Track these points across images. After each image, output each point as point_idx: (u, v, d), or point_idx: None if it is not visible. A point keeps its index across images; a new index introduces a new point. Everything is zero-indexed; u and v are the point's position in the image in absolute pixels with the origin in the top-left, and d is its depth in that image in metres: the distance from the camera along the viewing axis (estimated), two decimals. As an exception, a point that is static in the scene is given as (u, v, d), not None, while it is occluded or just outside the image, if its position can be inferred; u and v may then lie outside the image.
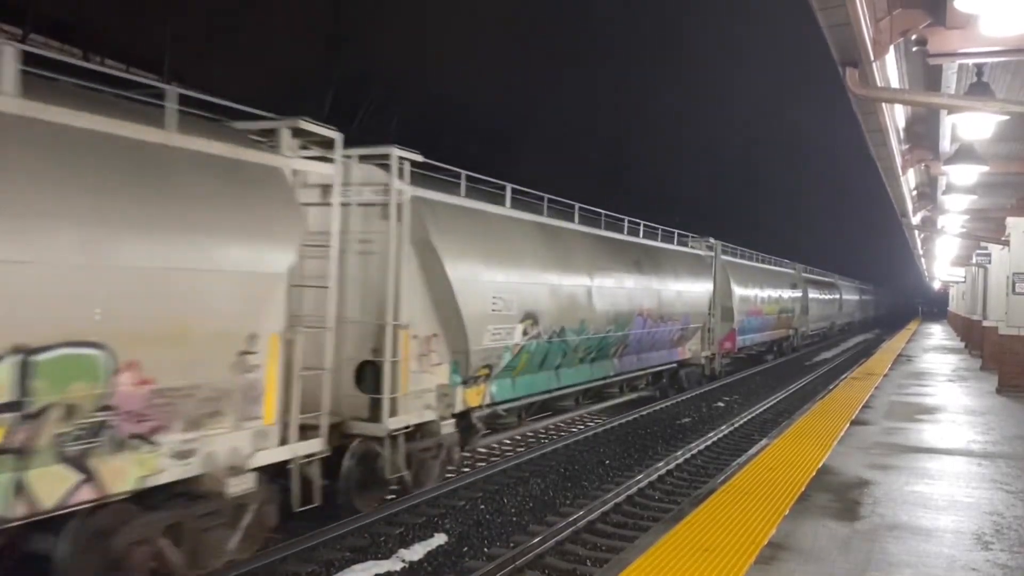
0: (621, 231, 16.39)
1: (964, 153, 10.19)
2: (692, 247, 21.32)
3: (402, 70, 32.79)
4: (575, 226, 13.95)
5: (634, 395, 17.88)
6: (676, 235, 20.11)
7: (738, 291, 23.10)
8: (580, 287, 13.11)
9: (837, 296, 47.71)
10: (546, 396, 13.24)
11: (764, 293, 26.80)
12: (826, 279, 45.76)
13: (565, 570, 7.78)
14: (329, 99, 28.94)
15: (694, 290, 19.25)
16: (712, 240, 22.25)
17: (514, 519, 9.34)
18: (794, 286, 32.54)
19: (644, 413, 16.74)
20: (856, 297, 62.35)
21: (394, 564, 7.73)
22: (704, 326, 20.37)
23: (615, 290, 14.52)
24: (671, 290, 17.57)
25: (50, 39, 17.17)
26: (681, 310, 18.19)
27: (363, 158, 9.01)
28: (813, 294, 37.88)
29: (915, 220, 20.22)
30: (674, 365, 19.50)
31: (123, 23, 21.36)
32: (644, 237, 17.56)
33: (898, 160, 12.49)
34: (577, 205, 14.21)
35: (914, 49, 7.61)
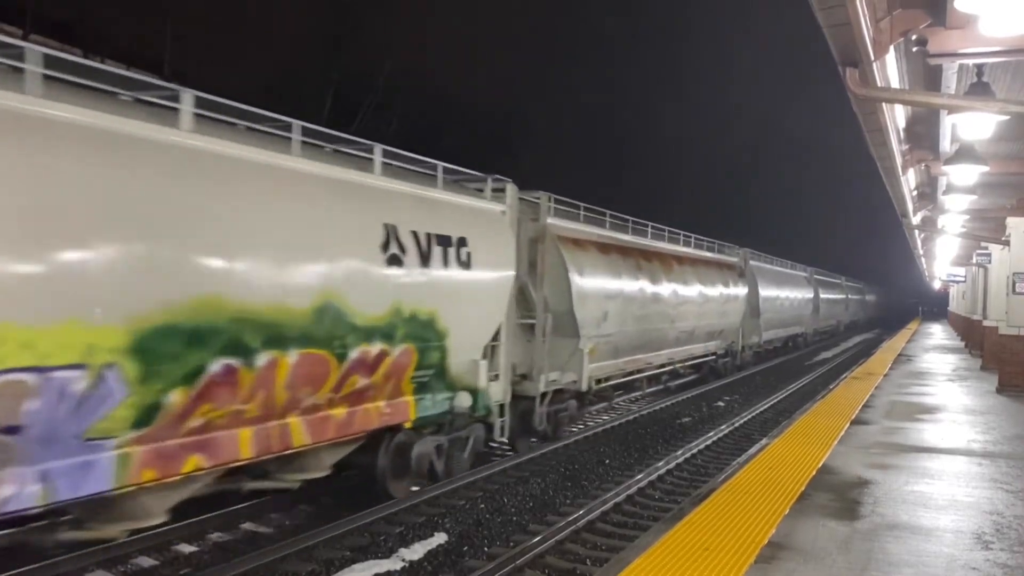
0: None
1: (964, 153, 10.20)
2: None
3: (402, 70, 32.83)
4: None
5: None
6: None
7: None
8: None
9: (742, 291, 23.91)
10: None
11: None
12: (724, 258, 23.32)
13: (565, 570, 7.78)
14: (329, 99, 28.97)
15: None
16: None
17: (514, 519, 9.35)
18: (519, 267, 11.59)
19: (644, 413, 16.76)
20: (806, 295, 35.81)
21: (394, 563, 7.73)
22: None
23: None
24: None
25: (50, 39, 17.16)
26: None
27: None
28: (677, 285, 17.82)
29: (915, 220, 20.23)
30: None
31: (123, 23, 21.38)
32: None
33: (898, 160, 12.50)
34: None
35: (914, 49, 7.61)
